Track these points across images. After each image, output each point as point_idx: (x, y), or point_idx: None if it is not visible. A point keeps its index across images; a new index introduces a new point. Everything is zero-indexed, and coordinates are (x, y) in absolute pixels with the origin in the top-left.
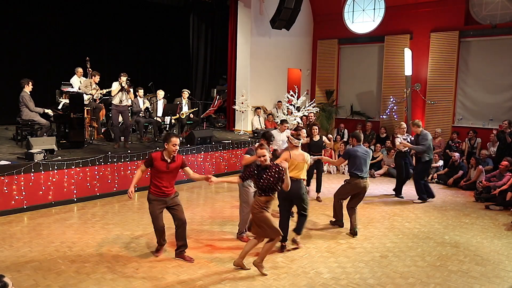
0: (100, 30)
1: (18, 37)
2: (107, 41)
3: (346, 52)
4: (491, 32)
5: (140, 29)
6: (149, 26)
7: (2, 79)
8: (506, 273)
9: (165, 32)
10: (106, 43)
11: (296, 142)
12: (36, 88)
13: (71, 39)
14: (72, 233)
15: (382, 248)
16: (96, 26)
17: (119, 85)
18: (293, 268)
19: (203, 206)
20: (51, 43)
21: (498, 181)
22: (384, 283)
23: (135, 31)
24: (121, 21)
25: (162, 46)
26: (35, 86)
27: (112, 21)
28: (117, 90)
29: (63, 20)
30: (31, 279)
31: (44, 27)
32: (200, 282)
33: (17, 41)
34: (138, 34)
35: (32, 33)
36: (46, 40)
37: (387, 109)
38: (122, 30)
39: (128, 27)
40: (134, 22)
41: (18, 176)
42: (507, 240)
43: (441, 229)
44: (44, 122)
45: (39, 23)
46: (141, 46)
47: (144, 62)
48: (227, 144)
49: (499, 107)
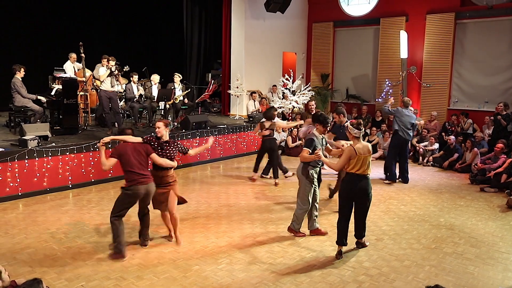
0: (92, 14)
1: (9, 23)
2: (99, 25)
3: (341, 35)
4: (487, 13)
5: (133, 13)
6: (141, 10)
7: None
8: (500, 254)
9: (158, 16)
10: (98, 27)
11: (356, 132)
12: (28, 74)
13: (62, 24)
14: (67, 219)
15: (378, 231)
16: (88, 10)
17: (107, 69)
18: (289, 252)
19: (198, 192)
20: (43, 28)
21: (493, 163)
22: (379, 266)
23: (127, 15)
24: (113, 4)
25: (155, 30)
26: (27, 72)
27: (104, 4)
28: (106, 75)
29: (55, 5)
30: (27, 266)
31: (35, 11)
32: (196, 267)
33: (7, 27)
34: (130, 18)
35: (23, 18)
36: (37, 25)
37: (383, 92)
38: (114, 14)
39: (120, 10)
40: (126, 5)
41: (12, 163)
42: (501, 222)
43: (436, 212)
44: (37, 108)
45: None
46: (134, 31)
47: (137, 46)
48: (222, 129)
49: (495, 89)
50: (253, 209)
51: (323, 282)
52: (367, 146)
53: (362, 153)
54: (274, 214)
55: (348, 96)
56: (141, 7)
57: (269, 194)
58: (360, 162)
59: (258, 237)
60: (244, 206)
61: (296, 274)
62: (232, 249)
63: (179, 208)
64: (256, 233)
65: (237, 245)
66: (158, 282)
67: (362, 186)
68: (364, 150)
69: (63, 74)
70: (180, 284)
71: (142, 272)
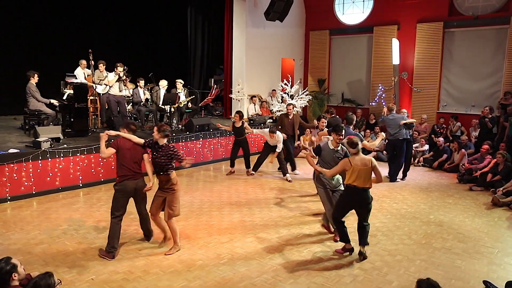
0: (101, 23)
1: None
2: (108, 33)
3: (337, 43)
4: (473, 23)
5: (140, 22)
6: (149, 19)
7: (10, 71)
8: (486, 248)
9: (164, 25)
10: (107, 35)
11: (351, 150)
12: (42, 80)
13: (74, 33)
14: (78, 216)
15: (372, 228)
16: (98, 20)
17: (116, 75)
18: (287, 248)
19: (202, 190)
20: (56, 36)
21: (479, 163)
22: (373, 261)
23: (136, 24)
24: (121, 13)
25: (161, 38)
26: (40, 77)
27: (113, 13)
28: (115, 80)
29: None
30: (41, 260)
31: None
32: (199, 262)
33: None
34: (139, 27)
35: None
36: (50, 33)
37: (376, 96)
38: (123, 22)
39: (129, 19)
40: (134, 15)
41: (26, 164)
42: (487, 218)
43: (426, 209)
44: (50, 112)
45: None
46: (142, 38)
47: (144, 53)
48: (224, 131)
49: (481, 94)
50: (254, 207)
51: (320, 276)
52: (364, 160)
53: (357, 165)
54: (274, 213)
55: (344, 100)
56: (149, 16)
57: (269, 194)
58: (355, 174)
59: (259, 233)
60: (245, 204)
61: (294, 268)
62: (234, 245)
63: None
64: (256, 230)
65: (238, 241)
66: (163, 276)
67: (359, 198)
68: (360, 163)
69: (74, 79)
70: (184, 278)
71: (148, 267)
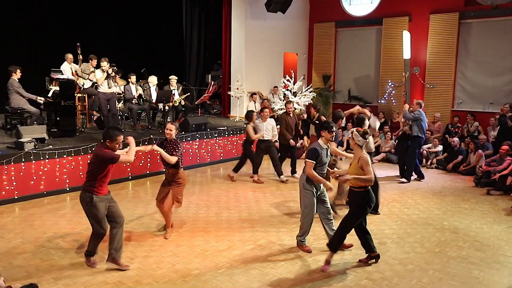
0: (90, 14)
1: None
2: (97, 26)
3: (343, 36)
4: (492, 13)
5: (131, 13)
6: (140, 10)
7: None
8: (506, 258)
9: (157, 17)
10: (97, 27)
11: (360, 140)
12: (25, 76)
13: (60, 24)
14: (65, 223)
15: (381, 235)
16: (86, 10)
17: (103, 72)
18: (291, 256)
19: (198, 194)
20: (39, 28)
21: (498, 165)
22: (382, 270)
23: (126, 16)
24: (112, 5)
25: (154, 31)
26: (23, 73)
27: (102, 5)
28: (103, 78)
29: (52, 4)
30: (24, 271)
31: (31, 11)
32: (196, 271)
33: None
34: (129, 19)
35: (19, 18)
36: (33, 25)
37: (386, 93)
38: (113, 14)
39: (119, 11)
40: (125, 6)
41: (8, 166)
42: (506, 225)
43: (440, 215)
44: (34, 110)
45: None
46: (133, 31)
47: (136, 47)
48: (222, 131)
49: (500, 91)
50: (253, 212)
51: (326, 287)
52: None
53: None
54: (275, 218)
55: (350, 98)
56: (140, 7)
57: (270, 197)
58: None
59: (259, 240)
60: (244, 209)
61: (298, 278)
62: (232, 253)
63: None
64: (256, 237)
65: (237, 249)
66: (157, 287)
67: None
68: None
69: (60, 75)
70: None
71: (140, 277)
